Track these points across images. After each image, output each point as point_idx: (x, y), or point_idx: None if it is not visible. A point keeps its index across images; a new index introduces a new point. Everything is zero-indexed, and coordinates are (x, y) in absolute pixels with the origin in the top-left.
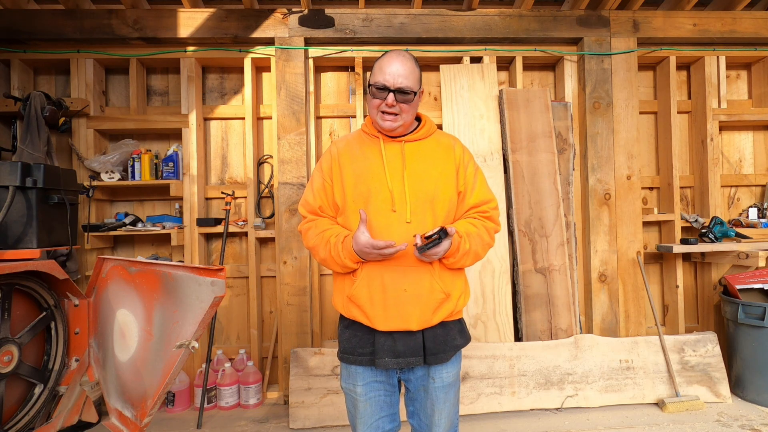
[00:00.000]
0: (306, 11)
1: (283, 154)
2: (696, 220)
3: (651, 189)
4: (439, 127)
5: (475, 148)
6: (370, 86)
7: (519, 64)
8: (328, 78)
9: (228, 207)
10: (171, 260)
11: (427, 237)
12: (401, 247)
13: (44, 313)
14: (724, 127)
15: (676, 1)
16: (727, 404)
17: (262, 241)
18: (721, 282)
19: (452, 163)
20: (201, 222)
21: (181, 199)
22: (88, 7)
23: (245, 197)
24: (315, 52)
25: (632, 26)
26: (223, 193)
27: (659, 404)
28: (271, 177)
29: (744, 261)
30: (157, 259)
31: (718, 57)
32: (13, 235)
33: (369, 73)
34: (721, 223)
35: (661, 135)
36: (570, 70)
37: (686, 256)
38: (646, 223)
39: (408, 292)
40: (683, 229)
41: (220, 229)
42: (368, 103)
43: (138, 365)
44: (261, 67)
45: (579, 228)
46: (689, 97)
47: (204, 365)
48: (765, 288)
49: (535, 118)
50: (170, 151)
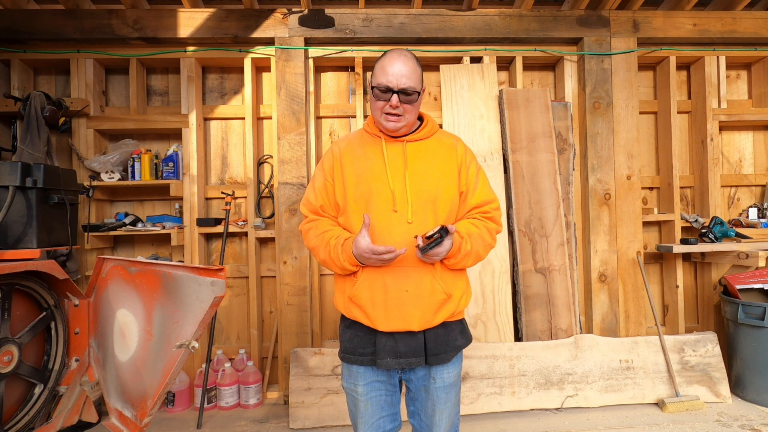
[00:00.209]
0: (306, 11)
1: (283, 154)
2: (696, 220)
3: (651, 189)
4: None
5: (475, 148)
6: (373, 88)
7: (519, 64)
8: (328, 78)
9: (228, 207)
10: (171, 260)
11: (428, 237)
12: (401, 252)
13: (44, 313)
14: (724, 127)
15: (676, 1)
16: (727, 404)
17: (262, 241)
18: (721, 282)
19: (454, 163)
20: (201, 222)
21: (181, 199)
22: (88, 7)
23: (245, 197)
24: (315, 52)
25: (632, 26)
26: (223, 193)
27: (659, 404)
28: (271, 177)
29: (744, 261)
30: (157, 259)
31: (718, 57)
32: (13, 235)
33: (369, 73)
34: (721, 223)
35: (661, 135)
36: (570, 70)
37: (686, 256)
38: (646, 223)
39: (409, 293)
40: (683, 229)
41: (220, 229)
42: (371, 105)
43: (138, 365)
44: (261, 67)
45: (579, 228)
46: (689, 97)
47: (204, 365)
48: (765, 288)
49: (535, 118)
50: (170, 151)
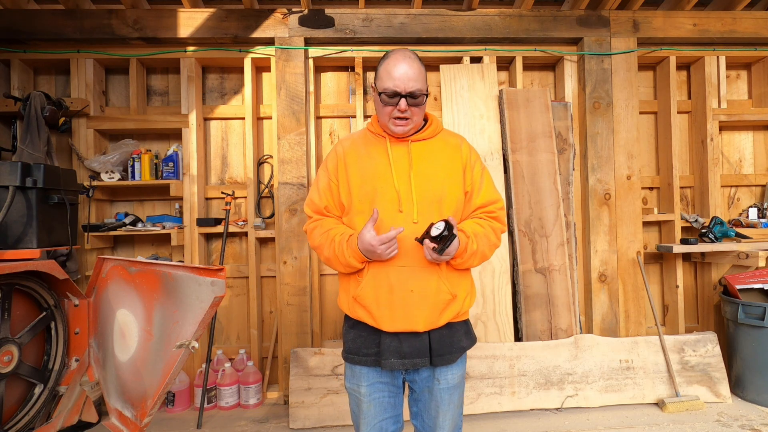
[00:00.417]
0: (306, 11)
1: (283, 154)
2: (696, 220)
3: (651, 189)
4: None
5: (476, 148)
6: (380, 94)
7: (519, 64)
8: (328, 78)
9: (228, 207)
10: (171, 260)
11: (435, 237)
12: (399, 230)
13: (44, 313)
14: (724, 127)
15: (676, 1)
16: (727, 404)
17: (262, 241)
18: (721, 282)
19: (459, 163)
20: (201, 222)
21: (181, 199)
22: (88, 7)
23: (245, 197)
24: (315, 52)
25: (632, 26)
26: (223, 193)
27: (659, 404)
28: (271, 177)
29: (744, 261)
30: (157, 259)
31: (718, 57)
32: (13, 235)
33: (369, 73)
34: (721, 223)
35: (661, 135)
36: (570, 70)
37: (686, 256)
38: (646, 223)
39: (415, 293)
40: (683, 229)
41: (220, 229)
42: (377, 109)
43: (138, 365)
44: (261, 67)
45: (579, 228)
46: (689, 97)
47: (204, 365)
48: (765, 288)
49: (535, 118)
50: (170, 151)
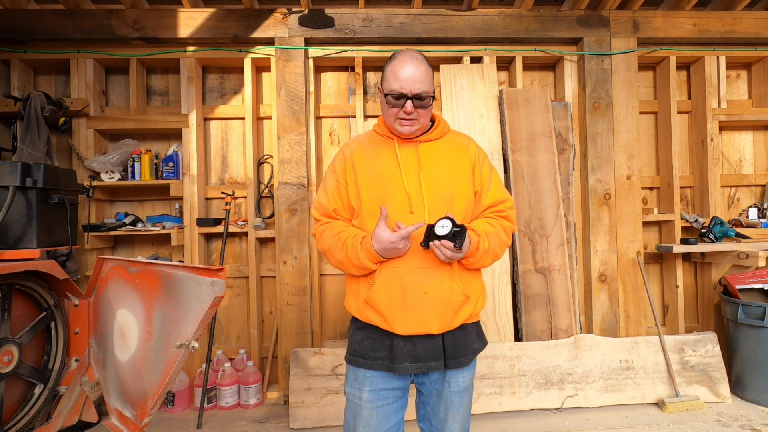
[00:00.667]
0: (306, 11)
1: (283, 154)
2: (696, 220)
3: (651, 189)
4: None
5: None
6: (386, 96)
7: (519, 64)
8: (328, 78)
9: (228, 207)
10: (171, 260)
11: (444, 236)
12: (419, 225)
13: (44, 313)
14: (724, 127)
15: (676, 1)
16: (727, 404)
17: (262, 241)
18: (721, 282)
19: (468, 163)
20: (201, 222)
21: (181, 199)
22: (88, 7)
23: (245, 197)
24: (315, 52)
25: (632, 26)
26: (223, 193)
27: (659, 404)
28: (271, 177)
29: (744, 261)
30: (157, 259)
31: (718, 57)
32: (13, 235)
33: (369, 73)
34: (721, 223)
35: (661, 135)
36: (570, 70)
37: (686, 256)
38: (646, 223)
39: (428, 295)
40: (683, 229)
41: (220, 229)
42: (383, 110)
43: (138, 365)
44: (261, 67)
45: (579, 228)
46: (689, 97)
47: (204, 365)
48: (765, 288)
49: (535, 118)
50: (170, 151)
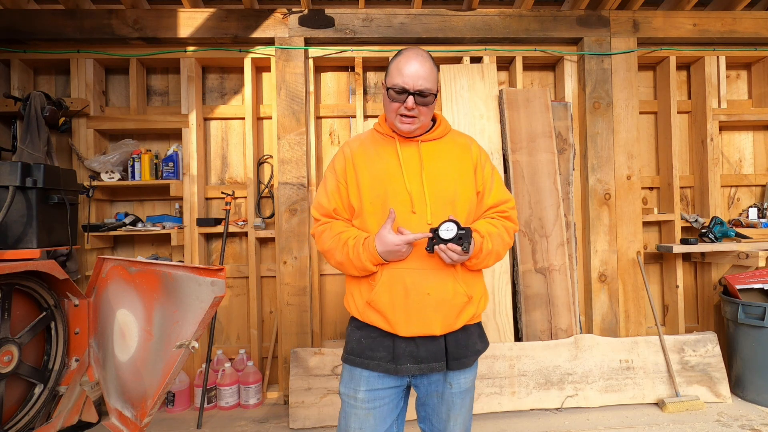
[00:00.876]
0: (306, 11)
1: (283, 154)
2: (696, 220)
3: (651, 189)
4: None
5: None
6: (388, 89)
7: (519, 64)
8: (328, 78)
9: (228, 207)
10: (171, 260)
11: (451, 239)
12: (427, 235)
13: (44, 313)
14: (724, 127)
15: (676, 1)
16: (727, 404)
17: (262, 241)
18: (721, 282)
19: (470, 163)
20: (201, 222)
21: (181, 199)
22: (88, 7)
23: (245, 197)
24: (315, 52)
25: (632, 26)
26: (223, 193)
27: (659, 404)
28: (271, 177)
29: (744, 261)
30: (157, 259)
31: (718, 57)
32: (13, 235)
33: (369, 73)
34: (721, 223)
35: (661, 135)
36: (570, 70)
37: (686, 256)
38: (646, 223)
39: (431, 296)
40: (683, 229)
41: (220, 229)
42: (384, 105)
43: (138, 365)
44: (261, 67)
45: (579, 228)
46: (689, 97)
47: (204, 365)
48: (765, 288)
49: (535, 118)
50: (170, 151)
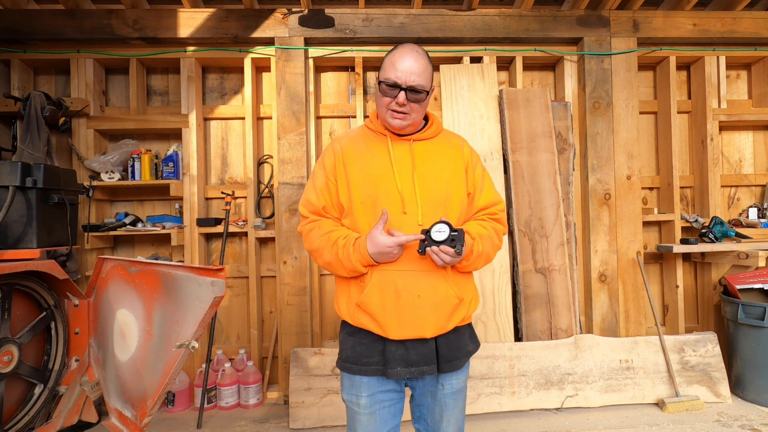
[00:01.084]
0: (306, 11)
1: (283, 154)
2: (696, 220)
3: (651, 189)
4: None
5: (475, 148)
6: (380, 83)
7: (519, 64)
8: (328, 78)
9: (228, 207)
10: (171, 260)
11: (443, 241)
12: (419, 237)
13: (44, 313)
14: (724, 127)
15: (676, 1)
16: (727, 404)
17: (262, 241)
18: (721, 282)
19: (461, 164)
20: (201, 222)
21: (181, 199)
22: (88, 7)
23: (245, 197)
24: (315, 52)
25: (632, 26)
26: (223, 193)
27: (659, 404)
28: (271, 177)
29: (744, 261)
30: (157, 259)
31: (718, 57)
32: (13, 235)
33: (369, 73)
34: (721, 223)
35: (661, 135)
36: (570, 70)
37: (686, 256)
38: (646, 223)
39: (422, 299)
40: (683, 229)
41: (220, 229)
42: (376, 100)
43: (138, 365)
44: (261, 67)
45: (579, 228)
46: (689, 97)
47: (204, 365)
48: (765, 288)
49: (535, 118)
50: (170, 151)
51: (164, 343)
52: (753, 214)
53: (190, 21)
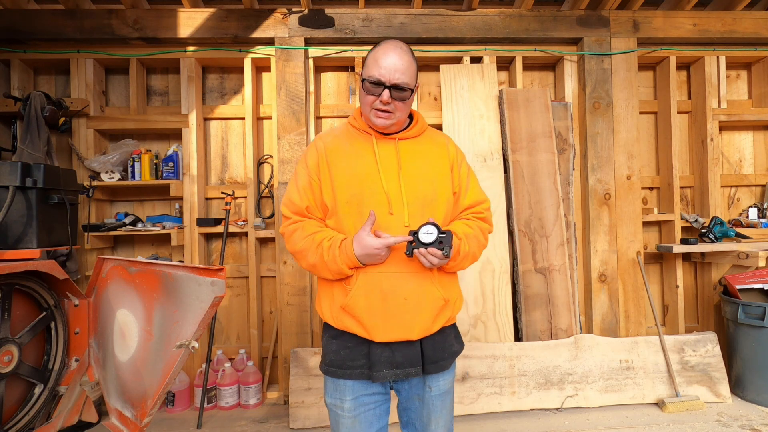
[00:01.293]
0: (306, 11)
1: (283, 154)
2: (696, 220)
3: (651, 189)
4: (439, 128)
5: (475, 148)
6: (363, 81)
7: (519, 64)
8: (328, 78)
9: (228, 207)
10: (171, 260)
11: (431, 243)
12: (408, 238)
13: (44, 313)
14: (724, 127)
15: (676, 1)
16: (727, 404)
17: (262, 241)
18: (721, 282)
19: (447, 163)
20: (201, 222)
21: (181, 199)
22: (88, 7)
23: (245, 197)
24: (315, 52)
25: (632, 26)
26: (223, 193)
27: (659, 404)
28: (271, 177)
29: (744, 261)
30: (157, 259)
31: (718, 57)
32: (13, 235)
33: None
34: (721, 223)
35: (661, 135)
36: (570, 70)
37: (686, 256)
38: (646, 223)
39: (409, 300)
40: (683, 229)
41: (220, 229)
42: (360, 98)
43: (138, 365)
44: (261, 67)
45: (579, 228)
46: (689, 97)
47: (204, 365)
48: (765, 288)
49: (535, 118)
50: (170, 151)
51: (164, 343)
52: (753, 214)
53: (190, 21)
